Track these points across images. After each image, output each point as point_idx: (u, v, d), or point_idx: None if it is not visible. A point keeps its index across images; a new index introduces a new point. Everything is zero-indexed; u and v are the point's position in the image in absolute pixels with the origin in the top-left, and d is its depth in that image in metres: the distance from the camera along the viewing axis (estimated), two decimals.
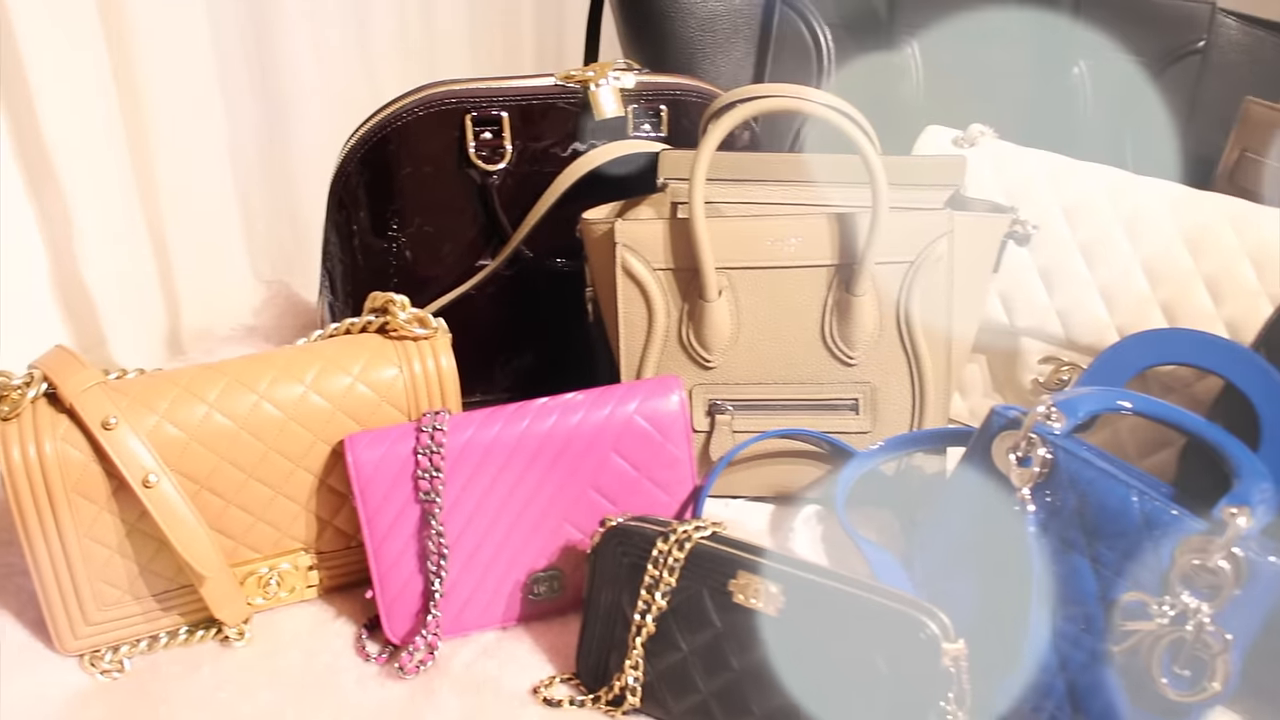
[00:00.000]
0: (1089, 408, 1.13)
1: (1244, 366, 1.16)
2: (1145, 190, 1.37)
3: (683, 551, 1.08)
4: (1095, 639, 1.07)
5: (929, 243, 1.25)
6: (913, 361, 1.28)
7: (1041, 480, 1.09)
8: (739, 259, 1.26)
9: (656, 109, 1.42)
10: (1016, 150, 1.44)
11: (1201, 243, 1.32)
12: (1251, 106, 1.44)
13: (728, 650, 1.07)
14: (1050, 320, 1.38)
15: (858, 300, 1.26)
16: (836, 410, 1.31)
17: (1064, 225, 1.37)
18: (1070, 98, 1.62)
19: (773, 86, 1.29)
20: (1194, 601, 1.02)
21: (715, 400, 1.31)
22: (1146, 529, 1.05)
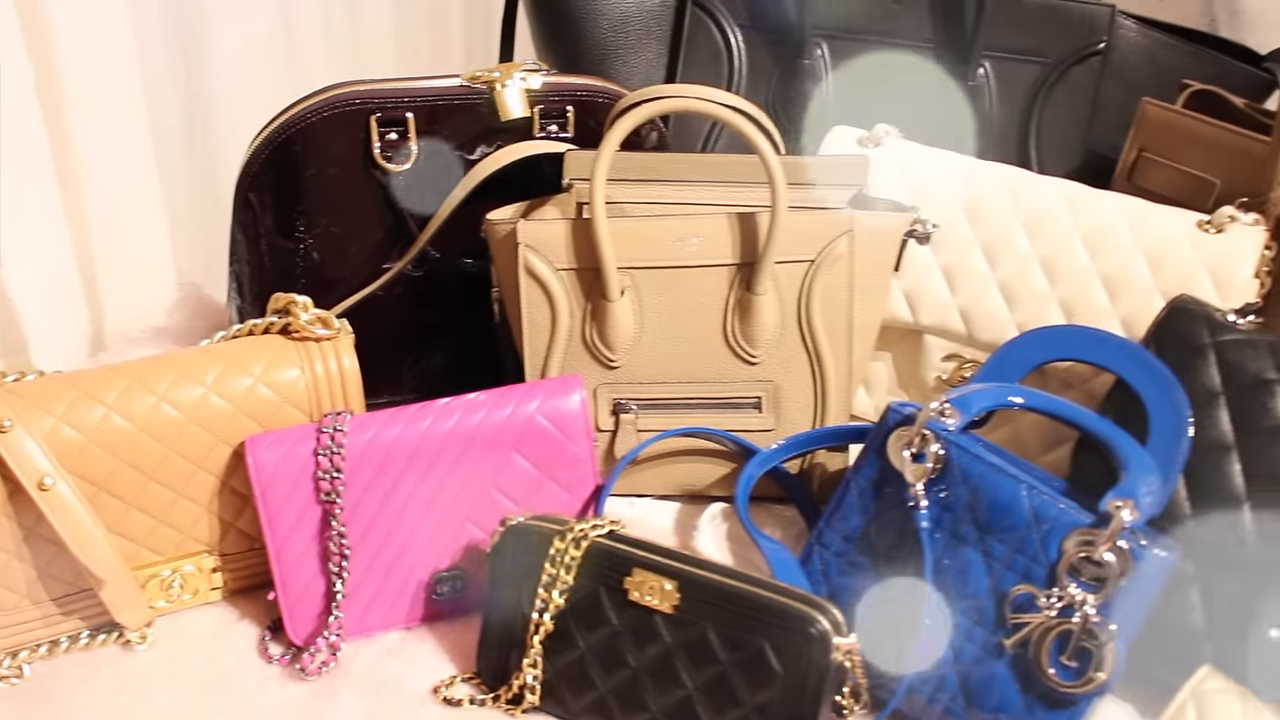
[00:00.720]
0: (982, 404, 1.15)
1: (1133, 362, 1.18)
2: (1045, 189, 1.40)
3: (580, 550, 1.09)
4: (987, 631, 1.08)
5: (829, 241, 1.27)
6: (814, 359, 1.29)
7: (935, 476, 1.10)
8: (641, 259, 1.27)
9: (563, 110, 1.42)
10: (920, 150, 1.46)
11: (1099, 241, 1.34)
12: (1148, 108, 1.47)
13: (624, 648, 1.08)
14: (952, 318, 1.39)
15: (759, 299, 1.27)
16: (739, 408, 1.32)
17: (965, 224, 1.39)
18: (975, 98, 1.64)
19: (674, 87, 1.30)
20: (1080, 593, 1.04)
21: (619, 399, 1.32)
22: (1035, 522, 1.07)
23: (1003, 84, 1.64)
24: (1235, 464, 1.14)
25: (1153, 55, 1.62)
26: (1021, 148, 1.63)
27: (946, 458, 1.10)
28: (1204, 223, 1.34)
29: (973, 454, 1.10)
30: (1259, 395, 1.15)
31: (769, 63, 1.68)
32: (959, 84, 1.64)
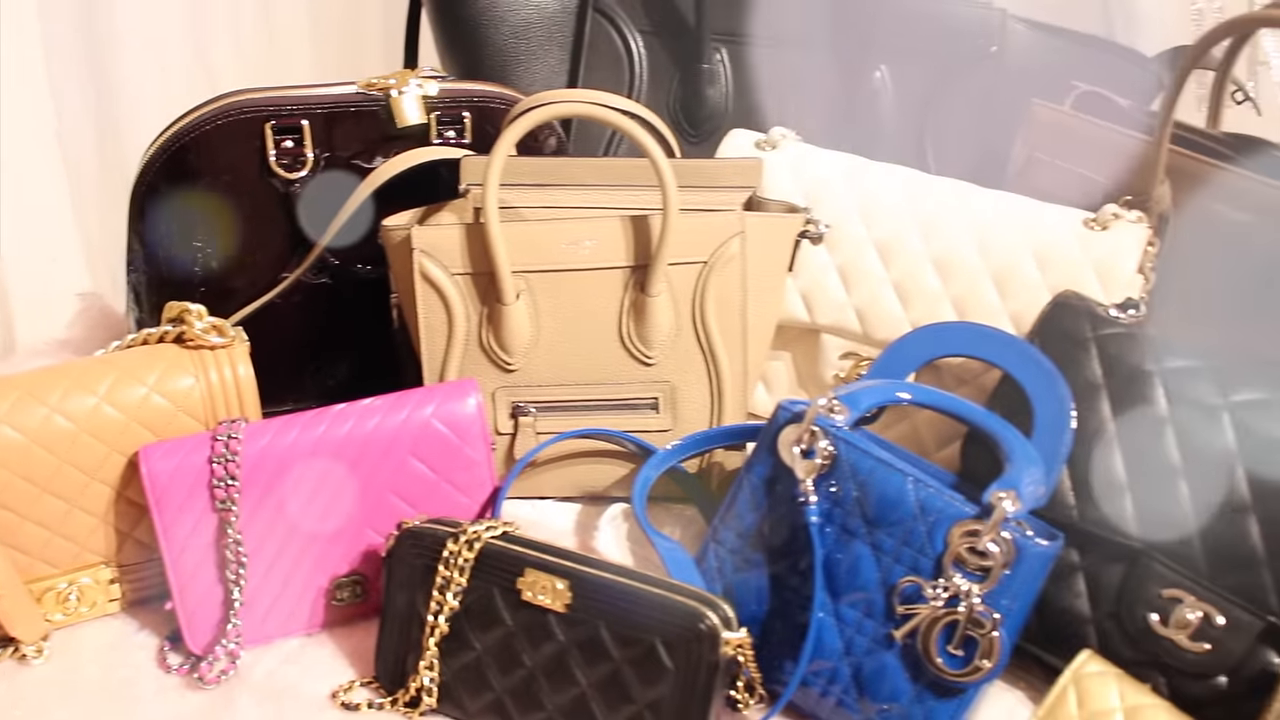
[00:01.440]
0: (870, 400, 1.17)
1: (1018, 357, 1.21)
2: (937, 190, 1.42)
3: (472, 551, 1.10)
4: (877, 623, 1.10)
5: (722, 243, 1.28)
6: (710, 360, 1.31)
7: (824, 471, 1.12)
8: (535, 262, 1.28)
9: (460, 116, 1.43)
10: (816, 152, 1.47)
11: (989, 240, 1.37)
12: (1037, 109, 1.50)
13: (519, 648, 1.08)
14: (848, 317, 1.41)
15: (653, 301, 1.28)
16: (637, 409, 1.33)
17: (860, 225, 1.41)
18: (872, 101, 1.67)
19: (566, 92, 1.31)
20: (966, 583, 1.06)
21: (518, 403, 1.32)
22: (921, 515, 1.09)
23: (899, 87, 1.67)
24: (1117, 454, 1.17)
25: (1044, 58, 1.65)
26: (918, 149, 1.66)
27: (835, 453, 1.12)
28: (1090, 220, 1.37)
29: (861, 449, 1.11)
30: (1139, 387, 1.17)
31: (669, 67, 1.70)
32: (856, 87, 1.67)
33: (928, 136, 1.66)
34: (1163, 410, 1.16)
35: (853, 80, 1.67)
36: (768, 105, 1.64)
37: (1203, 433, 1.14)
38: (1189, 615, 1.11)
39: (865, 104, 1.67)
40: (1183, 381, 1.17)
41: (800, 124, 1.52)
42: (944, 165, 1.64)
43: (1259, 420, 1.13)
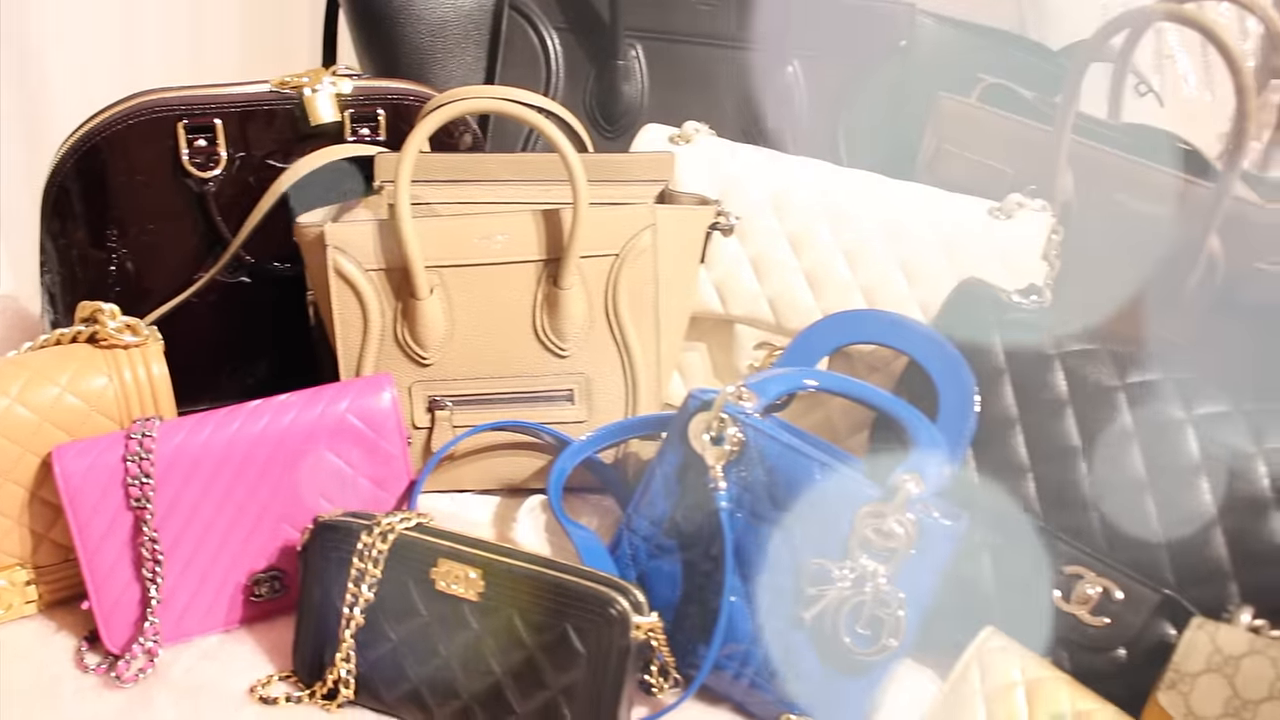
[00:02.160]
0: (779, 388, 1.19)
1: (923, 343, 1.23)
2: (847, 182, 1.45)
3: (386, 543, 1.11)
4: (787, 606, 1.12)
5: (633, 235, 1.30)
6: (623, 351, 1.32)
7: (734, 458, 1.14)
8: (448, 257, 1.29)
9: (374, 114, 1.44)
10: (729, 146, 1.49)
11: (897, 230, 1.39)
12: (944, 101, 1.53)
13: (434, 637, 1.10)
14: (762, 307, 1.43)
15: (566, 293, 1.29)
16: (553, 401, 1.34)
17: (772, 217, 1.43)
18: (785, 96, 1.69)
19: (477, 88, 1.32)
20: (872, 564, 1.09)
21: (434, 396, 1.33)
22: (828, 498, 1.11)
23: (811, 81, 1.69)
24: (1019, 436, 1.20)
25: (953, 52, 1.68)
26: (831, 143, 1.68)
27: (744, 440, 1.14)
28: (995, 210, 1.40)
29: (769, 435, 1.13)
30: (1040, 371, 1.20)
31: (585, 64, 1.71)
32: (769, 82, 1.69)
33: (840, 130, 1.68)
34: (1063, 393, 1.19)
35: (765, 75, 1.69)
36: (682, 101, 1.66)
37: (1101, 414, 1.18)
38: (1089, 590, 1.14)
39: (778, 99, 1.69)
40: (1082, 365, 1.20)
41: (714, 119, 1.54)
42: (856, 158, 1.67)
43: (1153, 401, 1.16)
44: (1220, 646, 1.02)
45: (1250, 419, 1.14)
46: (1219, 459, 1.13)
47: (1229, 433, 1.14)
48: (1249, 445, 1.13)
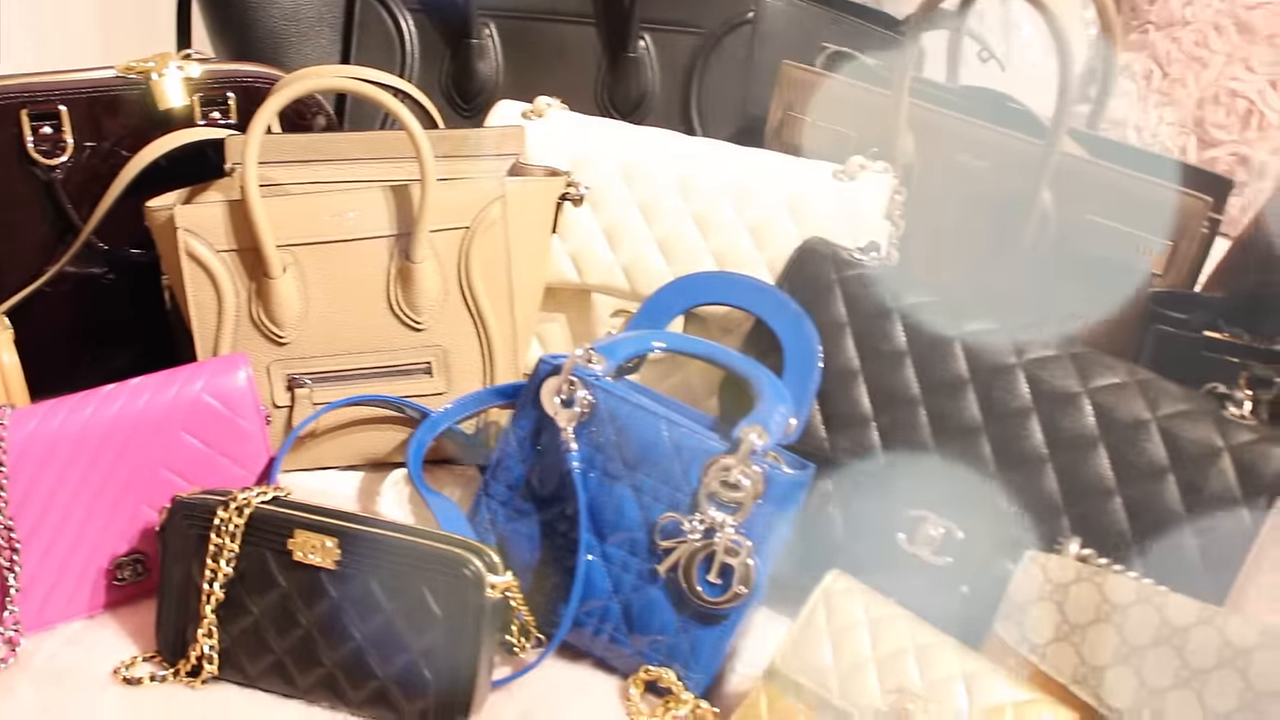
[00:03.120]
0: (627, 350, 1.22)
1: (767, 301, 1.27)
2: (695, 150, 1.48)
3: (243, 517, 1.12)
4: (641, 560, 1.15)
5: (483, 208, 1.32)
6: (479, 322, 1.34)
7: (584, 420, 1.17)
8: (300, 235, 1.30)
9: (224, 97, 1.44)
10: (580, 119, 1.52)
11: (744, 195, 1.43)
12: (788, 70, 1.56)
13: (295, 608, 1.11)
14: (616, 276, 1.46)
15: (418, 267, 1.31)
16: (411, 374, 1.36)
17: (623, 186, 1.45)
18: (637, 69, 1.72)
19: (325, 68, 1.33)
20: (721, 515, 1.12)
21: (293, 375, 1.34)
22: (676, 454, 1.14)
23: (663, 55, 1.73)
24: (862, 387, 1.24)
25: (799, 22, 1.72)
26: (684, 115, 1.71)
27: (594, 402, 1.17)
28: (839, 172, 1.44)
29: (618, 396, 1.16)
30: (880, 323, 1.25)
31: (440, 44, 1.73)
32: (621, 56, 1.72)
33: (693, 101, 1.72)
34: (901, 344, 1.24)
35: (616, 49, 1.71)
36: (538, 78, 1.68)
37: (938, 362, 1.22)
38: (932, 532, 1.19)
39: (630, 71, 1.72)
40: (919, 316, 1.24)
41: (569, 94, 1.57)
42: (710, 128, 1.71)
43: (986, 348, 1.21)
44: (1051, 576, 1.07)
45: (1076, 360, 1.19)
46: (1048, 400, 1.18)
47: (1056, 374, 1.19)
48: (1075, 385, 1.18)
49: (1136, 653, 1.02)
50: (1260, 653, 0.99)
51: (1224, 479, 1.13)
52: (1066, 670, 1.04)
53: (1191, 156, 1.99)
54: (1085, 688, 1.03)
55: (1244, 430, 1.15)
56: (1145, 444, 1.15)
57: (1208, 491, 1.13)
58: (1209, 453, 1.14)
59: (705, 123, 1.71)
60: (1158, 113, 2.04)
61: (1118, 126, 2.05)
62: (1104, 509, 1.16)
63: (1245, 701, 0.99)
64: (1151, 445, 1.15)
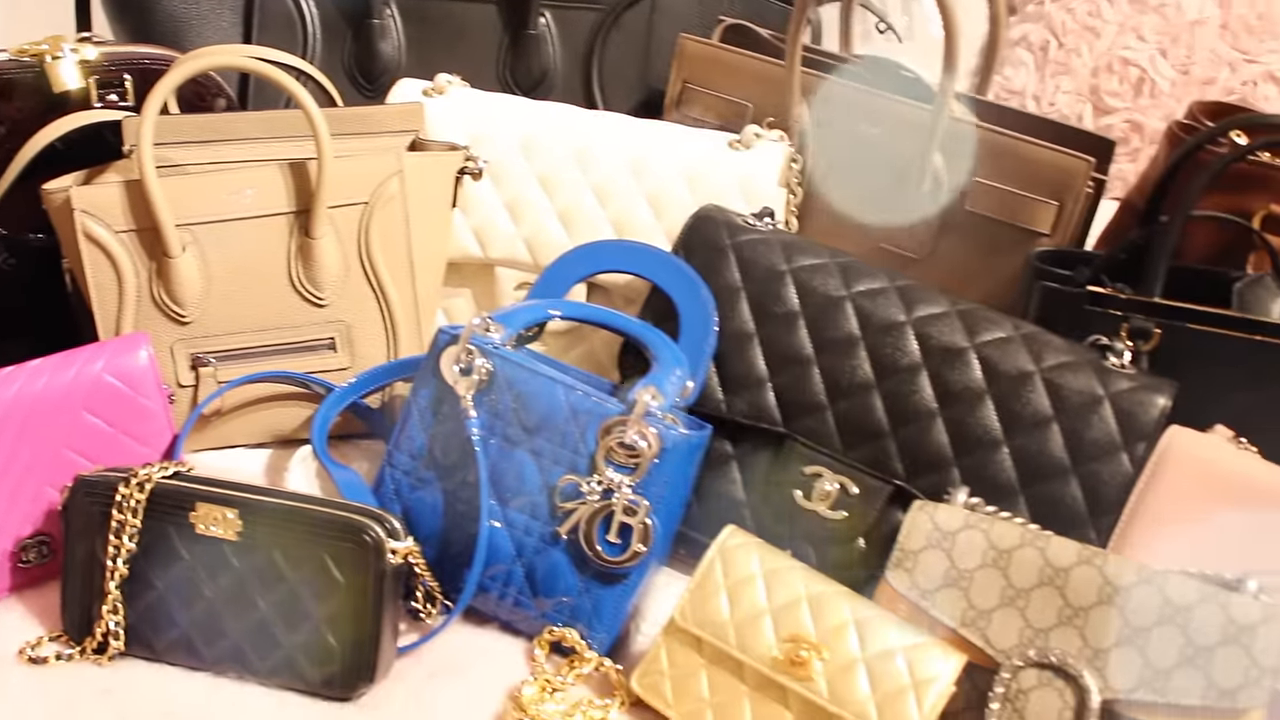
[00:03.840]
0: (524, 319, 1.24)
1: (663, 267, 1.29)
2: (593, 123, 1.50)
3: (144, 492, 1.12)
4: (543, 524, 1.17)
5: (381, 183, 1.33)
6: (381, 297, 1.36)
7: (483, 387, 1.19)
8: (198, 214, 1.30)
9: (120, 79, 1.44)
10: (481, 96, 1.54)
11: (642, 166, 1.45)
12: (685, 43, 1.59)
13: (199, 581, 1.12)
14: (519, 249, 1.48)
15: (318, 243, 1.32)
16: (315, 350, 1.37)
17: (523, 160, 1.47)
18: (538, 46, 1.74)
19: (219, 47, 1.34)
20: (618, 476, 1.15)
21: (197, 354, 1.34)
22: (573, 418, 1.16)
23: (563, 31, 1.74)
24: (757, 349, 1.27)
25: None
26: (586, 90, 1.73)
27: (492, 369, 1.18)
28: (734, 142, 1.46)
29: (515, 362, 1.18)
30: (773, 286, 1.27)
31: (341, 25, 1.74)
32: (522, 34, 1.74)
33: (594, 76, 1.74)
34: (794, 305, 1.26)
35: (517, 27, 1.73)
36: (440, 56, 1.69)
37: (830, 321, 1.25)
38: (827, 487, 1.22)
39: (532, 47, 1.73)
40: (811, 278, 1.27)
41: (471, 72, 1.58)
42: (612, 103, 1.73)
43: (877, 306, 1.24)
44: (939, 524, 1.10)
45: (963, 317, 1.23)
46: (936, 356, 1.22)
47: (944, 330, 1.22)
48: (962, 340, 1.21)
49: (1022, 595, 1.06)
50: (1137, 589, 1.03)
51: (1105, 426, 1.17)
52: (955, 614, 1.07)
53: (1088, 124, 2.04)
54: (973, 630, 1.06)
55: (1124, 379, 1.19)
56: (1030, 395, 1.19)
57: (1090, 439, 1.17)
58: (1090, 401, 1.18)
59: (607, 98, 1.73)
60: (1054, 82, 2.09)
61: (1016, 96, 2.11)
62: (992, 459, 1.19)
63: (1123, 636, 1.02)
64: (1036, 396, 1.19)
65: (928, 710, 1.02)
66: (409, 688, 1.12)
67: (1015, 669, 1.04)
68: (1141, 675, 1.01)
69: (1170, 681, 1.01)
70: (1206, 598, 1.02)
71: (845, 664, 1.04)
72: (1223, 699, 1.00)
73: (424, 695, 1.11)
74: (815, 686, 1.04)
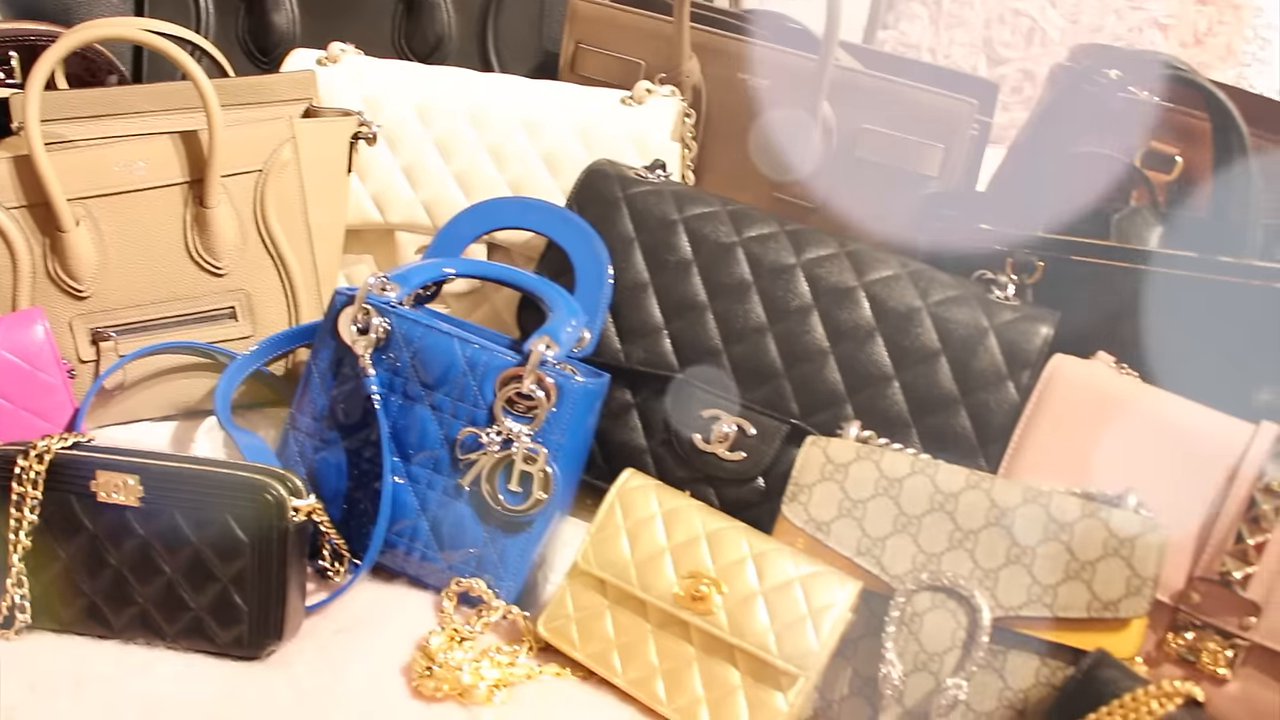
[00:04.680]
0: (420, 277, 1.25)
1: (557, 222, 1.31)
2: (487, 86, 1.51)
3: (43, 464, 1.12)
4: (445, 477, 1.19)
5: (273, 150, 1.34)
6: (279, 264, 1.36)
7: (381, 345, 1.20)
8: (90, 188, 1.30)
9: (6, 56, 1.44)
10: (374, 63, 1.54)
11: (537, 126, 1.47)
12: (577, 4, 1.60)
13: (103, 549, 1.12)
14: (418, 213, 1.49)
15: (213, 212, 1.32)
16: (216, 320, 1.37)
17: (419, 125, 1.48)
18: (432, 13, 1.74)
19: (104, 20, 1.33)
20: (517, 426, 1.16)
21: (97, 328, 1.34)
22: (471, 371, 1.18)
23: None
24: (653, 298, 1.29)
25: None
26: (482, 55, 1.74)
27: (389, 327, 1.20)
28: (627, 98, 1.48)
29: (411, 319, 1.19)
30: (666, 236, 1.30)
31: None
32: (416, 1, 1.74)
33: (489, 42, 1.75)
34: (687, 253, 1.29)
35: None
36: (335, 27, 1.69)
37: (722, 268, 1.27)
38: (725, 429, 1.25)
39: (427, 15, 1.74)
40: (702, 226, 1.29)
41: (366, 40, 1.59)
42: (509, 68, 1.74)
43: (768, 251, 1.27)
44: (831, 457, 1.13)
45: (851, 257, 1.26)
46: (827, 296, 1.24)
47: (833, 271, 1.25)
48: (851, 280, 1.24)
49: (913, 521, 1.09)
50: (1023, 510, 1.07)
51: (991, 357, 1.21)
52: (850, 544, 1.10)
53: (983, 74, 2.08)
54: (868, 558, 1.09)
55: (1008, 310, 1.22)
56: (918, 330, 1.22)
57: (977, 369, 1.21)
58: (976, 333, 1.21)
59: (503, 62, 1.74)
60: (949, 35, 2.13)
61: (912, 50, 2.14)
62: (884, 394, 1.22)
63: (1012, 556, 1.06)
64: (924, 331, 1.22)
65: (825, 636, 1.05)
66: (318, 644, 1.13)
67: (909, 593, 1.07)
68: (1030, 592, 1.05)
69: (1057, 597, 1.04)
70: (1089, 514, 1.06)
71: (744, 597, 1.07)
72: (1106, 610, 1.03)
73: (333, 650, 1.13)
74: (716, 620, 1.07)
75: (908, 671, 1.06)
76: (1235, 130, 1.26)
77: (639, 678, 1.09)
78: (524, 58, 1.73)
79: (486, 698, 1.07)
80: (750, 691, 1.06)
